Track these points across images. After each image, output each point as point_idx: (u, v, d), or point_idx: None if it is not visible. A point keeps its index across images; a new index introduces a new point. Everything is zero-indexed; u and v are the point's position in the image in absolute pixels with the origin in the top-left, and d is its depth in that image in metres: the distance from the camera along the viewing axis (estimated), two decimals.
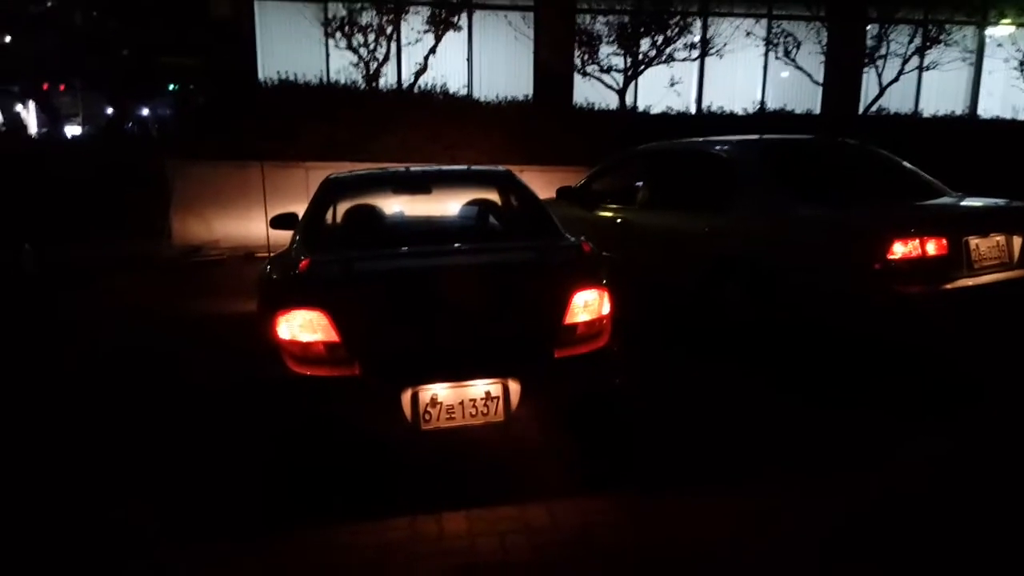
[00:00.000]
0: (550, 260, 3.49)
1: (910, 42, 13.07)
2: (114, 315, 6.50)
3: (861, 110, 13.74)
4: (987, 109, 15.11)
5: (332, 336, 3.10)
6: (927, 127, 12.82)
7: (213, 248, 9.72)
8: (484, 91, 12.94)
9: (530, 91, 13.34)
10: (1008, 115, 14.61)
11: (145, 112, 31.97)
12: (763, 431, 3.88)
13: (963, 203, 4.98)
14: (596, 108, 12.43)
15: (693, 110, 13.84)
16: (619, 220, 6.09)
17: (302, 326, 3.11)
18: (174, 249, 9.55)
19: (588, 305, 3.36)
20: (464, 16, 12.36)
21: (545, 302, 3.30)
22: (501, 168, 4.80)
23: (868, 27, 13.39)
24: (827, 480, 3.32)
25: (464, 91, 12.76)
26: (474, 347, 3.20)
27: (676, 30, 12.26)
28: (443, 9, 11.67)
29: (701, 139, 6.07)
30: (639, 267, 5.64)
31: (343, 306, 3.12)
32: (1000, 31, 14.32)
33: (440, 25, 11.70)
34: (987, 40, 14.76)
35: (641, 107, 12.88)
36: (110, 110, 28.51)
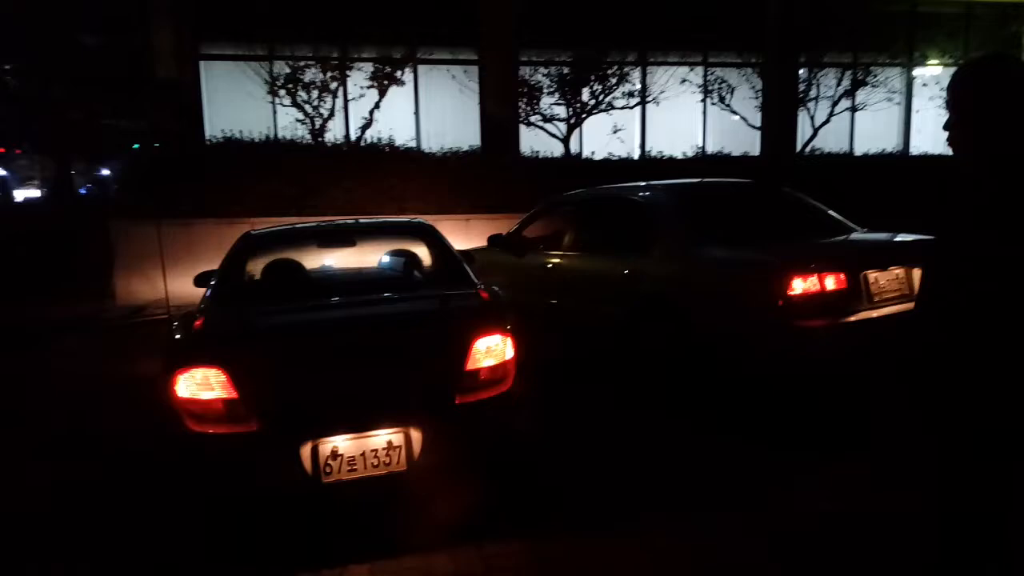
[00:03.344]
0: (448, 308, 3.57)
1: (839, 84, 13.62)
2: (41, 378, 6.42)
3: (798, 150, 14.18)
4: (918, 146, 15.69)
5: (230, 393, 3.13)
6: (861, 165, 13.29)
7: (158, 307, 9.65)
8: (432, 143, 13.13)
9: (477, 141, 13.58)
10: (938, 151, 15.18)
11: (106, 172, 31.76)
12: (674, 471, 3.93)
13: (865, 239, 5.19)
14: (541, 156, 12.72)
15: (636, 155, 14.18)
16: (548, 265, 6.20)
17: (200, 384, 3.14)
18: (117, 310, 9.47)
19: (491, 350, 3.43)
20: (408, 71, 12.60)
21: (444, 349, 3.37)
22: (417, 220, 4.90)
23: (799, 71, 13.91)
24: (740, 519, 3.34)
25: (412, 143, 12.95)
26: (373, 397, 3.24)
27: (615, 80, 12.66)
28: (387, 65, 11.90)
29: (622, 185, 6.26)
30: (566, 310, 5.76)
31: (240, 362, 3.16)
32: (926, 71, 14.97)
33: (384, 80, 11.93)
34: (914, 80, 15.41)
35: (585, 154, 13.19)
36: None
